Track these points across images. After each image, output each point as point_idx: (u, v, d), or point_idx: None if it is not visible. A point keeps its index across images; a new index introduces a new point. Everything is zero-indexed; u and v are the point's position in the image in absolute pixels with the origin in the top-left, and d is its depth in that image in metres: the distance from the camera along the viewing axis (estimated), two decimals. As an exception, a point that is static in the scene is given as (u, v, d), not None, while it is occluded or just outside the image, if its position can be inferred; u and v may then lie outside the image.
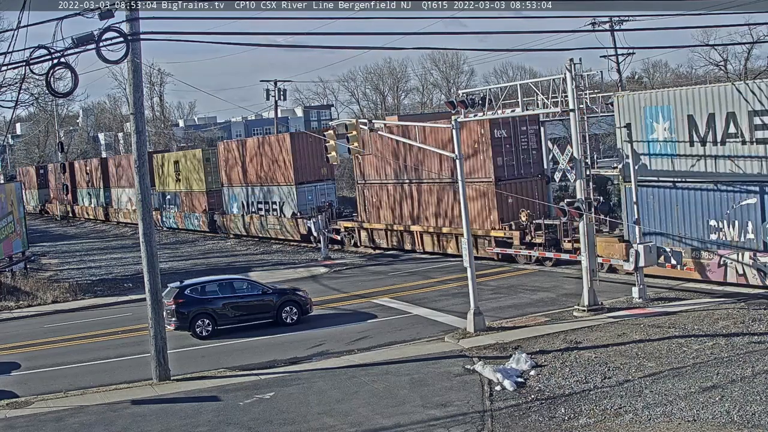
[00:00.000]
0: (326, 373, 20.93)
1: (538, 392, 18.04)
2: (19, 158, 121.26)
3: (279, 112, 76.89)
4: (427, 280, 33.74)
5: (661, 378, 17.99)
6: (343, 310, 29.42)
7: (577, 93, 25.00)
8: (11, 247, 43.37)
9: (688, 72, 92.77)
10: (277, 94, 70.81)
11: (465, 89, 53.34)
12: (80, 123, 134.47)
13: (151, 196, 23.22)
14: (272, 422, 17.48)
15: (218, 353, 24.39)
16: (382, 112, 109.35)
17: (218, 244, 53.90)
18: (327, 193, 48.28)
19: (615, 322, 23.35)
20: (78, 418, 18.86)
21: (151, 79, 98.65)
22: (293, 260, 43.57)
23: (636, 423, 15.60)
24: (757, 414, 15.30)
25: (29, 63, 17.60)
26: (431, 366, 20.74)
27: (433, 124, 35.16)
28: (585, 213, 24.83)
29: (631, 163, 27.28)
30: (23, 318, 33.54)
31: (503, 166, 35.25)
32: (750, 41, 62.08)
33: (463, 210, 24.67)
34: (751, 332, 20.89)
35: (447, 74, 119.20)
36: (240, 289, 27.35)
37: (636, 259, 25.73)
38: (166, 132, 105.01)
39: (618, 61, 59.48)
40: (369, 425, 16.87)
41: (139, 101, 21.54)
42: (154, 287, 21.62)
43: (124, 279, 41.51)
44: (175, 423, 18.05)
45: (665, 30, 27.46)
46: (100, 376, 22.84)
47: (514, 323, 24.56)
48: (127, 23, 19.74)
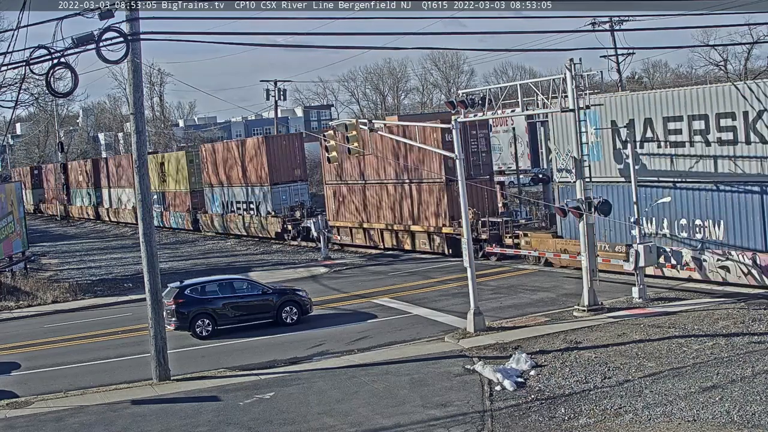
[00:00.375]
0: (326, 373, 20.93)
1: (538, 392, 18.04)
2: (19, 158, 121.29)
3: (279, 112, 76.91)
4: (427, 280, 33.74)
5: (661, 378, 17.99)
6: (343, 310, 29.42)
7: (577, 93, 24.99)
8: (11, 247, 43.38)
9: (688, 72, 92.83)
10: (277, 94, 70.83)
11: (465, 89, 53.32)
12: (80, 123, 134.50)
13: (150, 196, 23.22)
14: (272, 422, 17.48)
15: (218, 353, 24.40)
16: (382, 112, 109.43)
17: (218, 244, 53.92)
18: (300, 193, 50.74)
19: (615, 322, 23.35)
20: (78, 418, 18.86)
21: (151, 79, 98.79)
22: (293, 260, 43.57)
23: (636, 423, 15.60)
24: (757, 414, 15.30)
25: (29, 63, 17.60)
26: (431, 366, 20.74)
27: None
28: (585, 213, 24.82)
29: (631, 163, 27.28)
30: (23, 318, 33.55)
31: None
32: (750, 41, 62.13)
33: (463, 210, 24.66)
34: (751, 332, 20.89)
35: (447, 74, 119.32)
36: (240, 289, 27.35)
37: (636, 259, 25.72)
38: (166, 132, 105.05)
39: (618, 61, 59.56)
40: (369, 425, 16.87)
41: (139, 101, 21.54)
42: (154, 287, 21.62)
43: (124, 279, 41.51)
44: (175, 423, 18.05)
45: (665, 30, 27.50)
46: (100, 376, 22.84)
47: (514, 323, 24.56)
48: (127, 23, 19.74)
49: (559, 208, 25.74)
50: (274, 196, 49.99)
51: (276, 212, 49.84)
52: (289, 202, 50.00)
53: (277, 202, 50.05)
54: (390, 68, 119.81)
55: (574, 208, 24.84)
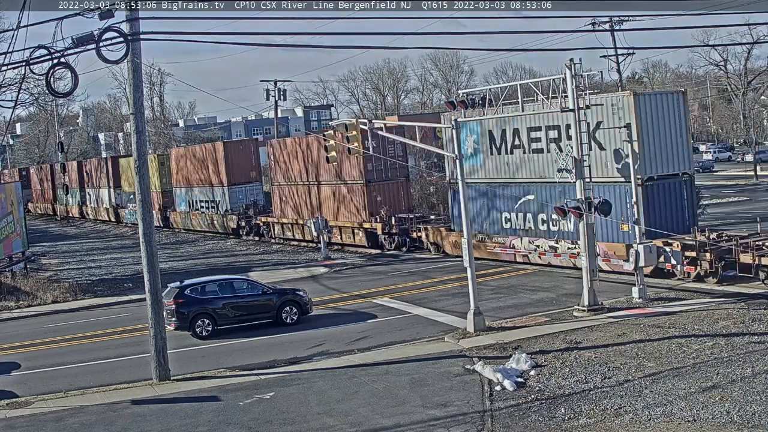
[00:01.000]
0: (326, 373, 20.93)
1: (538, 392, 18.04)
2: (19, 158, 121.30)
3: (279, 112, 76.93)
4: (427, 280, 33.74)
5: (661, 378, 17.99)
6: (343, 310, 29.42)
7: (577, 93, 24.98)
8: (11, 247, 43.37)
9: (688, 72, 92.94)
10: (277, 94, 70.86)
11: (465, 89, 53.33)
12: (80, 123, 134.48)
13: (150, 196, 23.22)
14: (272, 422, 17.48)
15: (218, 353, 24.39)
16: (382, 112, 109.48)
17: (218, 244, 53.94)
18: (255, 193, 56.02)
19: (615, 322, 23.34)
20: (78, 418, 18.86)
21: (151, 79, 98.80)
22: (293, 260, 43.58)
23: (636, 423, 15.60)
24: (757, 414, 15.30)
25: (29, 63, 17.60)
26: (431, 366, 20.73)
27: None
28: (585, 213, 24.81)
29: (631, 164, 27.29)
30: (23, 318, 33.54)
31: (372, 171, 43.19)
32: (750, 41, 62.17)
33: (463, 210, 24.64)
34: (751, 332, 20.89)
35: (447, 74, 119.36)
36: (240, 289, 27.34)
37: (636, 259, 25.72)
38: (166, 132, 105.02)
39: (618, 61, 59.49)
40: (369, 425, 16.87)
41: (139, 101, 21.54)
42: (154, 287, 21.61)
43: (124, 279, 41.51)
44: (175, 423, 18.05)
45: (665, 30, 27.52)
46: (100, 376, 22.83)
47: (514, 323, 24.56)
48: (127, 23, 19.73)
49: (559, 208, 25.72)
50: (232, 196, 55.06)
51: (233, 210, 55.03)
52: (246, 200, 55.26)
53: (235, 201, 55.25)
54: (390, 68, 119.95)
55: (574, 208, 24.84)
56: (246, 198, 55.38)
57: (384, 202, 43.10)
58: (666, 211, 29.55)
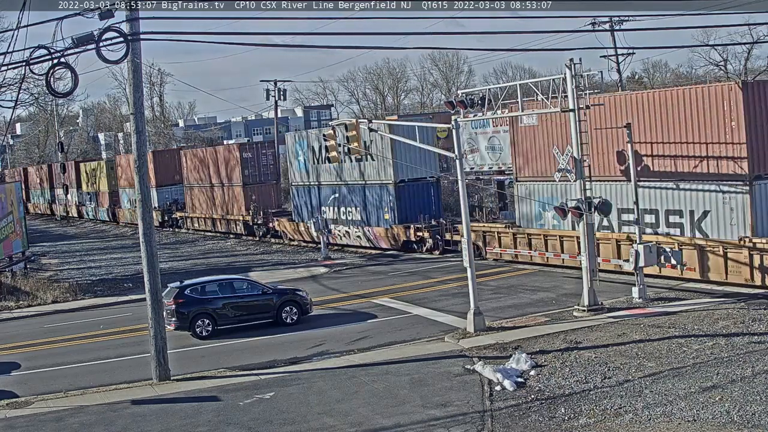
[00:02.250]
0: (326, 373, 20.93)
1: (538, 392, 18.04)
2: (20, 158, 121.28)
3: (279, 112, 76.90)
4: (427, 280, 33.75)
5: (661, 378, 17.99)
6: (343, 310, 29.42)
7: (577, 93, 24.98)
8: (11, 247, 43.38)
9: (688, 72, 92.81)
10: (277, 94, 70.83)
11: (464, 89, 53.28)
12: (80, 123, 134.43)
13: (151, 196, 23.23)
14: (272, 422, 17.49)
15: (218, 353, 24.40)
16: (382, 112, 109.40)
17: (218, 244, 54.00)
18: (178, 193, 66.67)
19: (615, 322, 23.35)
20: (78, 418, 18.86)
21: (151, 79, 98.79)
22: (293, 260, 43.60)
23: (636, 423, 15.60)
24: (757, 414, 15.30)
25: (29, 63, 17.61)
26: (431, 366, 20.74)
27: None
28: (585, 213, 24.81)
29: (631, 164, 27.29)
30: (23, 318, 33.55)
31: (249, 175, 55.55)
32: (750, 41, 62.13)
33: (463, 210, 24.64)
34: (751, 332, 20.89)
35: (446, 74, 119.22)
36: (240, 289, 27.35)
37: (636, 259, 25.73)
38: (166, 132, 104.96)
39: (618, 61, 59.49)
40: (369, 425, 16.87)
41: (139, 101, 21.53)
42: (154, 287, 21.61)
43: (124, 279, 41.53)
44: (175, 423, 18.05)
45: (665, 30, 27.48)
46: (100, 376, 22.84)
47: (514, 323, 24.56)
48: (127, 23, 19.73)
49: (559, 208, 25.72)
50: (160, 195, 65.72)
51: (159, 207, 65.73)
52: (170, 199, 67.03)
53: (162, 199, 66.30)
54: (389, 68, 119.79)
55: (574, 208, 24.84)
56: (171, 197, 67.03)
57: (258, 200, 54.55)
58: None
